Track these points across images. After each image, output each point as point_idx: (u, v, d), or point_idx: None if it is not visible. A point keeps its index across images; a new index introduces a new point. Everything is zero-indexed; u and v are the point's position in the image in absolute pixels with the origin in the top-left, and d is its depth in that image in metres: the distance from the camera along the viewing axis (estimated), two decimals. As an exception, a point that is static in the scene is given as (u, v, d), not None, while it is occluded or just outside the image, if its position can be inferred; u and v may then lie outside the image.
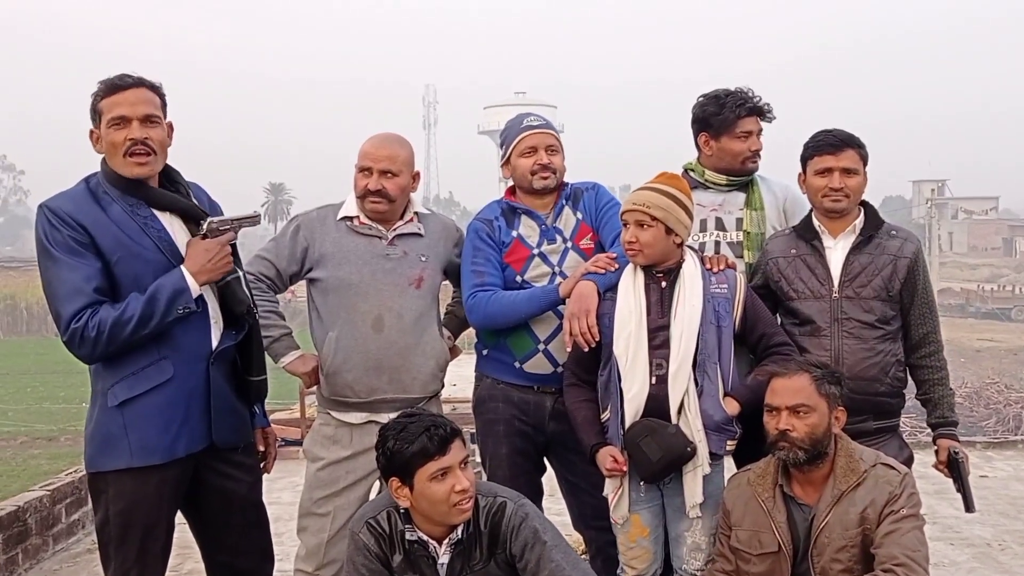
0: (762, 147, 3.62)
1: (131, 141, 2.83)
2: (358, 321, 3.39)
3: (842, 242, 3.41)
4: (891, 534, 2.86)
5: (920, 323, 3.43)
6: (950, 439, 3.44)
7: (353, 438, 3.44)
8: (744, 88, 3.60)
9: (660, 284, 3.23)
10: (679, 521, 3.23)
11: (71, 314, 2.77)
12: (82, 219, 2.82)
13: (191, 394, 2.93)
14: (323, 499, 3.44)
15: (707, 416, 3.15)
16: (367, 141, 3.47)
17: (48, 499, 5.49)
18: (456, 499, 2.65)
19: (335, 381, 3.42)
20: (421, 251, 3.49)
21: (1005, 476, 7.08)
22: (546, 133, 3.53)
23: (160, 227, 2.91)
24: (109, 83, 2.85)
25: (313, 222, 3.51)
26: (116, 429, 2.87)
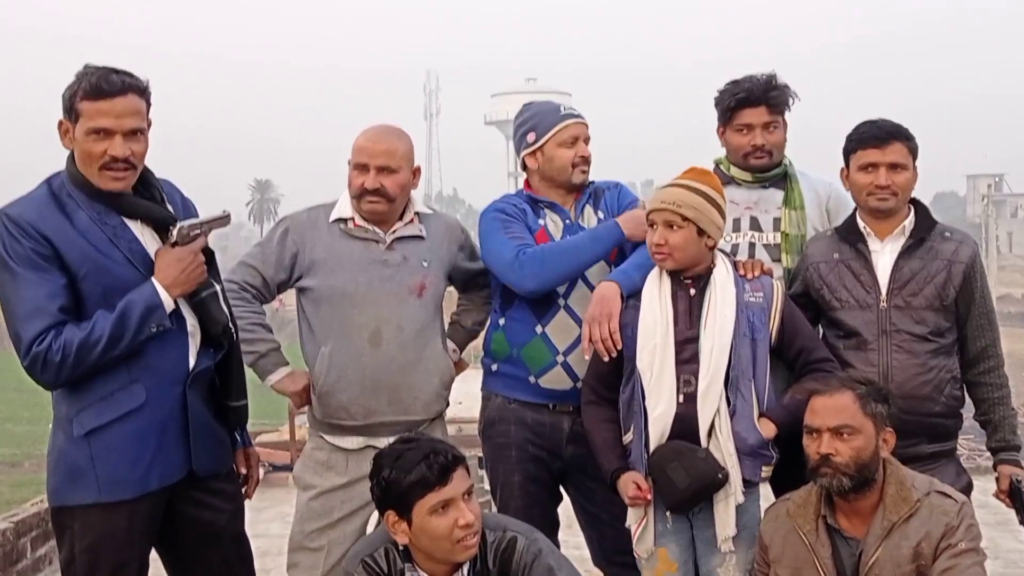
0: (774, 143, 3.59)
1: (111, 157, 2.79)
2: (353, 335, 3.38)
3: (890, 245, 3.41)
4: (949, 571, 2.85)
5: (978, 335, 3.43)
6: (1013, 465, 3.43)
7: (349, 464, 3.43)
8: (760, 74, 3.60)
9: (689, 292, 3.23)
10: (711, 556, 3.22)
11: (32, 336, 2.74)
12: (45, 229, 2.77)
13: (166, 421, 2.91)
14: (316, 532, 3.43)
15: (740, 439, 3.14)
16: (361, 134, 3.46)
17: (12, 532, 5.49)
18: (460, 535, 2.63)
19: (328, 402, 3.41)
20: (423, 255, 3.48)
21: (1074, 505, 7.05)
22: (584, 123, 3.57)
23: (131, 237, 2.88)
24: (94, 85, 2.75)
25: (303, 225, 3.49)
26: (83, 461, 2.85)
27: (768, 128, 3.58)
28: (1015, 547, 5.42)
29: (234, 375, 3.09)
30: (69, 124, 2.82)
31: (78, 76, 2.80)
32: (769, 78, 3.59)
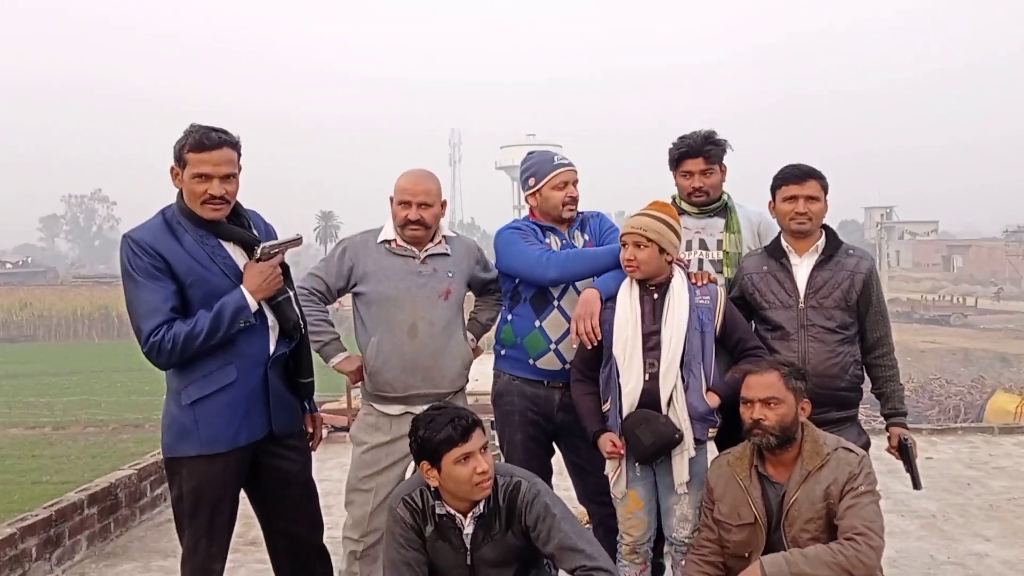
0: (711, 184, 3.54)
1: (210, 196, 2.83)
2: (396, 329, 3.38)
3: (807, 260, 3.39)
4: (851, 508, 2.84)
5: (874, 328, 3.41)
6: (900, 427, 3.41)
7: (392, 426, 3.43)
8: (702, 132, 3.54)
9: (652, 295, 3.21)
10: (669, 496, 3.22)
11: (150, 329, 2.76)
12: (160, 248, 2.81)
13: (252, 393, 2.91)
14: (366, 477, 3.44)
15: (692, 408, 3.13)
16: (403, 177, 3.43)
17: (135, 476, 5.49)
18: (477, 479, 2.63)
19: (377, 379, 3.41)
20: (448, 268, 3.48)
21: (947, 458, 7.00)
22: (573, 170, 3.53)
23: (226, 255, 2.90)
24: (197, 141, 2.80)
25: (357, 245, 3.49)
26: (188, 423, 2.86)
27: (705, 174, 3.53)
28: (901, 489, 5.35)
29: (304, 358, 3.08)
30: (179, 169, 2.85)
31: (185, 133, 2.85)
32: (707, 134, 3.54)
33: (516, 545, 2.75)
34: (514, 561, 2.78)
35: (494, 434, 3.78)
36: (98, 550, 4.94)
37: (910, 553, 4.69)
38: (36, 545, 4.42)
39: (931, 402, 22.99)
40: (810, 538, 2.87)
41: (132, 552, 4.97)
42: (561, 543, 2.67)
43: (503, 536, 2.73)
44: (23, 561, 4.33)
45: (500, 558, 2.75)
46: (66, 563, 4.65)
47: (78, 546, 4.79)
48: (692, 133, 3.57)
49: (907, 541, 4.89)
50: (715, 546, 3.06)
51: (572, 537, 2.68)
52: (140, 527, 5.41)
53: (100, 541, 5.00)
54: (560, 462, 3.67)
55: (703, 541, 3.10)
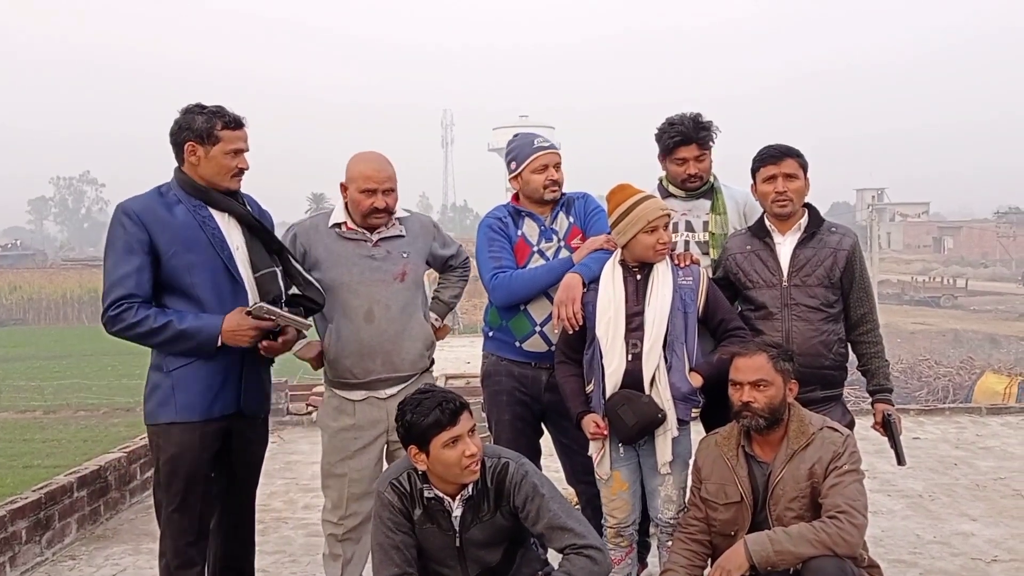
0: (703, 169, 3.55)
1: (240, 168, 3.04)
2: (352, 314, 3.32)
3: (789, 238, 3.39)
4: (835, 486, 2.86)
5: (858, 305, 3.42)
6: (885, 403, 3.42)
7: (356, 411, 3.39)
8: (690, 116, 3.53)
9: (636, 277, 3.22)
10: (653, 477, 3.23)
11: (115, 298, 2.89)
12: (147, 218, 2.93)
13: (228, 367, 3.01)
14: (338, 462, 3.39)
15: (675, 388, 3.14)
16: (362, 163, 3.33)
17: (125, 459, 5.50)
18: (466, 463, 2.64)
19: (336, 366, 3.36)
20: (402, 249, 3.41)
21: (934, 438, 7.06)
22: (554, 152, 3.51)
23: (215, 225, 3.01)
24: (233, 119, 3.02)
25: (308, 230, 3.39)
26: (167, 389, 2.97)
27: (699, 160, 3.54)
28: (888, 469, 5.43)
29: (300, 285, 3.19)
30: (200, 147, 2.98)
31: (210, 113, 2.99)
32: (696, 121, 3.52)
33: (505, 526, 2.76)
34: (502, 541, 2.79)
35: (483, 415, 3.80)
36: (88, 533, 4.96)
37: (896, 532, 4.73)
38: (26, 528, 4.43)
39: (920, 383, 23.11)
40: (795, 516, 2.90)
41: (122, 535, 4.98)
42: (550, 522, 2.68)
43: (492, 517, 2.74)
44: (13, 544, 4.34)
45: (489, 539, 2.76)
46: (56, 546, 4.66)
47: (68, 529, 4.80)
48: (680, 118, 3.54)
49: (893, 520, 4.93)
50: (702, 524, 3.08)
51: (561, 516, 2.69)
52: (130, 510, 5.42)
53: (90, 524, 5.02)
54: (548, 443, 3.68)
55: (690, 520, 3.12)
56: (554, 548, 2.74)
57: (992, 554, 4.39)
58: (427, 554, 2.78)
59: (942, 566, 4.25)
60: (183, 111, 3.03)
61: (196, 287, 2.95)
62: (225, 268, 2.98)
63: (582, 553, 2.66)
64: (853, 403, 8.05)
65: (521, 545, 2.87)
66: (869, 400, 3.51)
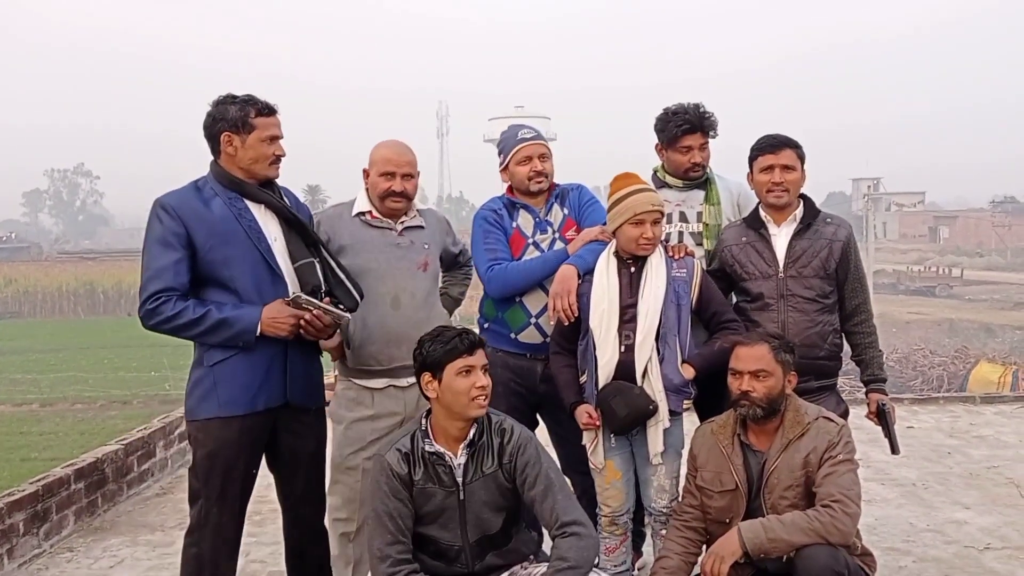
0: (706, 158, 3.57)
1: (277, 155, 3.01)
2: (378, 301, 3.33)
3: (785, 229, 3.40)
4: (829, 476, 2.88)
5: (852, 296, 3.43)
6: (879, 393, 3.45)
7: (375, 400, 3.39)
8: (693, 106, 3.54)
9: (630, 269, 3.23)
10: (646, 467, 3.26)
11: (153, 291, 2.85)
12: (183, 212, 2.90)
13: (272, 358, 2.96)
14: (352, 454, 3.38)
15: (667, 379, 3.16)
16: (384, 148, 3.39)
17: (122, 452, 5.50)
18: (475, 393, 2.67)
19: (361, 353, 3.36)
20: (424, 240, 3.45)
21: (928, 427, 7.09)
22: (538, 144, 3.52)
23: (251, 217, 2.97)
24: (265, 105, 2.99)
25: (331, 219, 3.41)
26: (209, 384, 2.92)
27: (702, 148, 3.55)
28: (882, 458, 5.44)
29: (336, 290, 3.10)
30: (236, 136, 2.95)
31: (242, 101, 2.96)
32: (700, 109, 3.53)
33: (506, 486, 2.77)
34: (503, 507, 2.79)
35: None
36: (85, 525, 4.97)
37: (889, 520, 4.75)
38: (24, 520, 4.44)
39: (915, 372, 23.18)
40: (789, 505, 2.91)
41: (119, 527, 4.99)
42: (546, 490, 2.72)
43: (494, 473, 2.75)
44: (11, 536, 4.35)
45: (490, 498, 2.76)
46: (54, 538, 4.68)
47: (65, 521, 4.81)
48: (683, 107, 3.55)
49: (887, 508, 4.96)
50: (697, 512, 3.10)
51: (555, 484, 2.74)
52: (127, 502, 5.43)
53: (87, 516, 5.02)
54: (544, 433, 3.69)
55: (685, 507, 3.14)
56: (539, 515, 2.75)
57: (985, 542, 4.41)
58: (426, 518, 2.76)
59: (935, 554, 4.27)
60: (214, 103, 2.99)
61: (235, 280, 2.91)
62: (263, 260, 2.95)
63: (565, 533, 2.68)
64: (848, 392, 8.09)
65: (516, 524, 2.89)
66: (863, 390, 3.53)
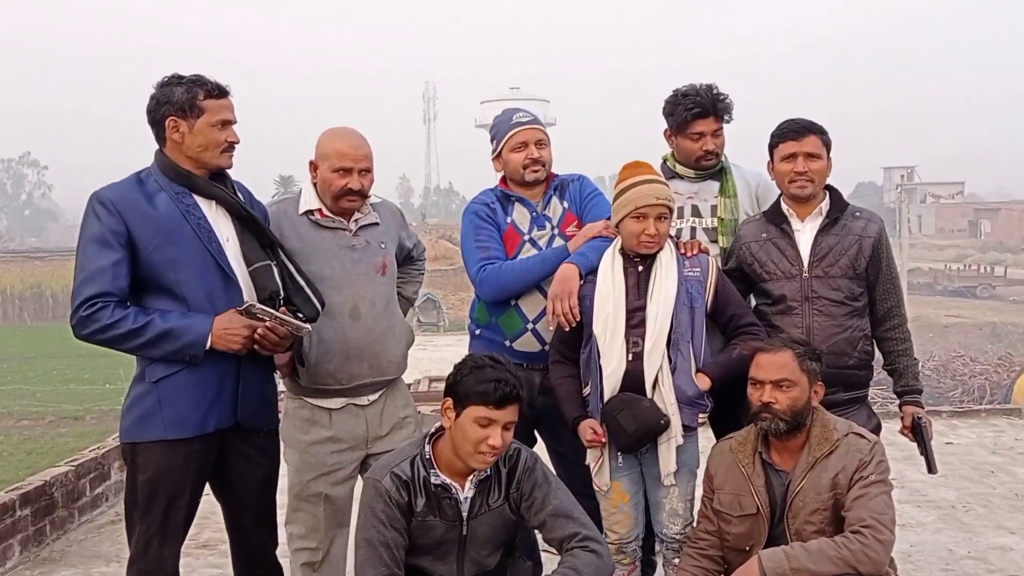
0: (719, 145, 3.56)
1: (229, 142, 2.96)
2: (335, 312, 3.23)
3: (810, 224, 3.40)
4: (860, 498, 2.87)
5: (884, 298, 3.43)
6: (915, 405, 3.45)
7: (333, 420, 3.32)
8: (705, 87, 3.53)
9: (637, 268, 3.22)
10: (657, 489, 3.25)
11: (87, 296, 2.79)
12: (124, 207, 2.84)
13: (224, 373, 2.92)
14: (313, 480, 3.31)
15: (680, 391, 3.15)
16: (337, 140, 3.25)
17: (73, 474, 5.48)
18: (484, 449, 2.69)
19: (317, 371, 3.25)
20: (380, 239, 3.37)
21: (969, 443, 7.11)
22: (535, 128, 3.50)
23: (201, 214, 2.92)
24: (216, 87, 2.93)
25: (277, 217, 3.26)
26: (152, 404, 2.88)
27: (716, 134, 3.55)
28: (917, 477, 5.46)
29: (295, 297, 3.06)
30: (182, 122, 2.89)
31: (191, 82, 2.90)
32: (713, 92, 3.52)
33: (510, 520, 2.84)
34: (503, 542, 2.87)
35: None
36: (32, 555, 4.94)
37: (926, 547, 4.76)
38: (-38, 551, 4.43)
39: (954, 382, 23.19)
40: (815, 531, 2.91)
41: (70, 557, 4.97)
42: (555, 510, 2.78)
43: (500, 506, 2.82)
44: (-52, 569, 4.33)
45: (492, 534, 2.82)
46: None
47: (10, 551, 4.79)
48: (694, 89, 3.54)
49: (923, 534, 4.97)
50: (714, 538, 3.09)
51: (567, 506, 2.80)
52: (79, 530, 5.40)
53: (35, 545, 5.00)
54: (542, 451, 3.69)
55: (701, 533, 3.13)
56: (555, 536, 2.80)
57: (1033, 570, 4.43)
58: (421, 549, 2.79)
59: (977, 584, 4.28)
60: (159, 84, 2.93)
61: (182, 284, 2.86)
62: (215, 262, 2.89)
63: (587, 547, 2.74)
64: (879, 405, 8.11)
65: (511, 555, 2.95)
66: (897, 402, 3.53)
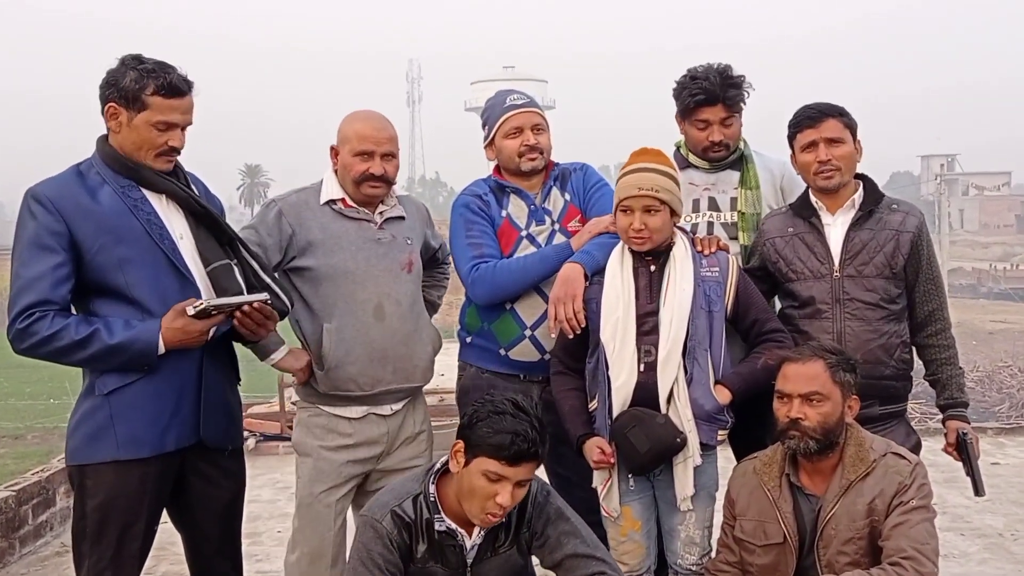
0: (731, 136, 3.55)
1: (170, 147, 2.92)
2: (358, 310, 3.30)
3: (841, 218, 3.40)
4: (900, 526, 2.87)
5: (925, 300, 3.43)
6: (959, 421, 3.43)
7: (353, 429, 3.37)
8: (718, 70, 3.51)
9: (649, 268, 3.22)
10: (672, 515, 3.24)
11: (24, 306, 2.79)
12: (64, 206, 2.82)
13: (183, 384, 2.93)
14: (324, 492, 3.34)
15: (697, 405, 3.14)
16: (359, 122, 3.36)
17: (13, 500, 5.47)
18: (490, 507, 2.70)
19: (337, 375, 3.31)
20: (406, 234, 3.45)
21: (1018, 463, 7.13)
22: (531, 112, 3.51)
23: (151, 209, 2.91)
24: (169, 84, 2.87)
25: (296, 206, 3.35)
26: (103, 420, 2.87)
27: (725, 123, 3.54)
28: (961, 502, 5.47)
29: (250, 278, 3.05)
30: (124, 110, 2.87)
31: (144, 71, 2.87)
32: (725, 75, 3.51)
33: (518, 564, 2.87)
34: None
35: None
36: (-33, 592, 4.94)
37: (972, 579, 4.77)
38: None
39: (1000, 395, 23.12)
40: (849, 562, 2.91)
41: (10, 594, 4.97)
42: (576, 550, 2.81)
43: (508, 550, 2.84)
44: None
45: None
46: (-73, 608, 4.64)
47: (-58, 588, 4.78)
48: (704, 70, 3.53)
49: (968, 565, 4.98)
50: (735, 571, 3.10)
51: (588, 544, 2.82)
52: (20, 562, 5.40)
53: (-30, 581, 4.99)
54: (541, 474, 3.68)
55: (721, 564, 3.14)
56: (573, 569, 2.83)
57: (1089, 605, 4.43)
58: None
59: (1028, 621, 4.29)
60: (120, 60, 2.92)
61: (132, 287, 2.86)
62: (168, 262, 2.90)
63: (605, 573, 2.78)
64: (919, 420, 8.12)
65: None
66: (939, 417, 3.52)
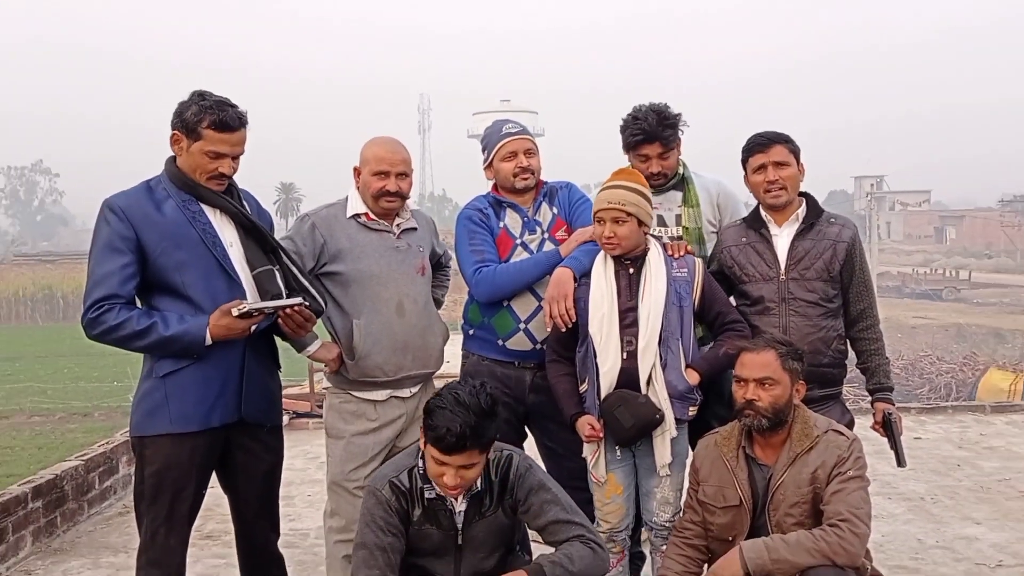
0: (668, 167, 3.51)
1: (220, 173, 2.95)
2: (382, 308, 3.34)
3: (787, 230, 3.41)
4: (838, 493, 2.87)
5: (857, 300, 3.44)
6: (885, 402, 3.45)
7: (377, 412, 3.39)
8: (654, 112, 3.46)
9: (628, 270, 3.23)
10: (650, 479, 3.26)
11: (95, 299, 2.85)
12: (133, 214, 2.89)
13: (228, 371, 2.95)
14: (355, 469, 3.36)
15: (672, 386, 3.16)
16: (376, 146, 3.39)
17: (83, 468, 5.45)
18: (443, 482, 2.67)
19: (366, 363, 3.33)
20: (418, 243, 3.49)
21: (936, 438, 7.13)
22: (524, 138, 3.53)
23: (206, 221, 2.97)
24: (222, 121, 2.90)
25: (326, 220, 3.39)
26: (159, 398, 2.91)
27: (662, 157, 3.51)
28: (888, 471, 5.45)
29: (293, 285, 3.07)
30: (184, 138, 2.92)
31: (203, 106, 2.90)
32: (662, 115, 3.46)
33: (505, 525, 2.82)
34: (500, 545, 2.85)
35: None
36: (44, 546, 4.92)
37: (897, 537, 4.77)
38: (-23, 542, 4.39)
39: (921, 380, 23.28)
40: (795, 523, 2.91)
41: (80, 548, 4.95)
42: (556, 516, 2.75)
43: (494, 513, 2.79)
44: (-37, 559, 4.30)
45: (488, 538, 2.81)
46: (10, 560, 4.62)
47: (22, 542, 4.76)
48: (643, 111, 3.49)
49: (894, 524, 4.98)
50: (698, 528, 3.10)
51: (567, 510, 2.77)
52: (88, 521, 5.38)
53: (46, 536, 4.98)
54: (533, 447, 3.68)
55: (686, 523, 3.14)
56: (555, 541, 2.78)
57: (997, 559, 4.44)
58: (420, 551, 2.80)
59: (945, 572, 4.29)
60: (190, 94, 2.97)
61: (187, 286, 2.91)
62: (219, 265, 2.94)
63: (588, 544, 2.73)
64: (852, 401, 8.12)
65: (511, 552, 2.92)
66: (868, 399, 3.54)
